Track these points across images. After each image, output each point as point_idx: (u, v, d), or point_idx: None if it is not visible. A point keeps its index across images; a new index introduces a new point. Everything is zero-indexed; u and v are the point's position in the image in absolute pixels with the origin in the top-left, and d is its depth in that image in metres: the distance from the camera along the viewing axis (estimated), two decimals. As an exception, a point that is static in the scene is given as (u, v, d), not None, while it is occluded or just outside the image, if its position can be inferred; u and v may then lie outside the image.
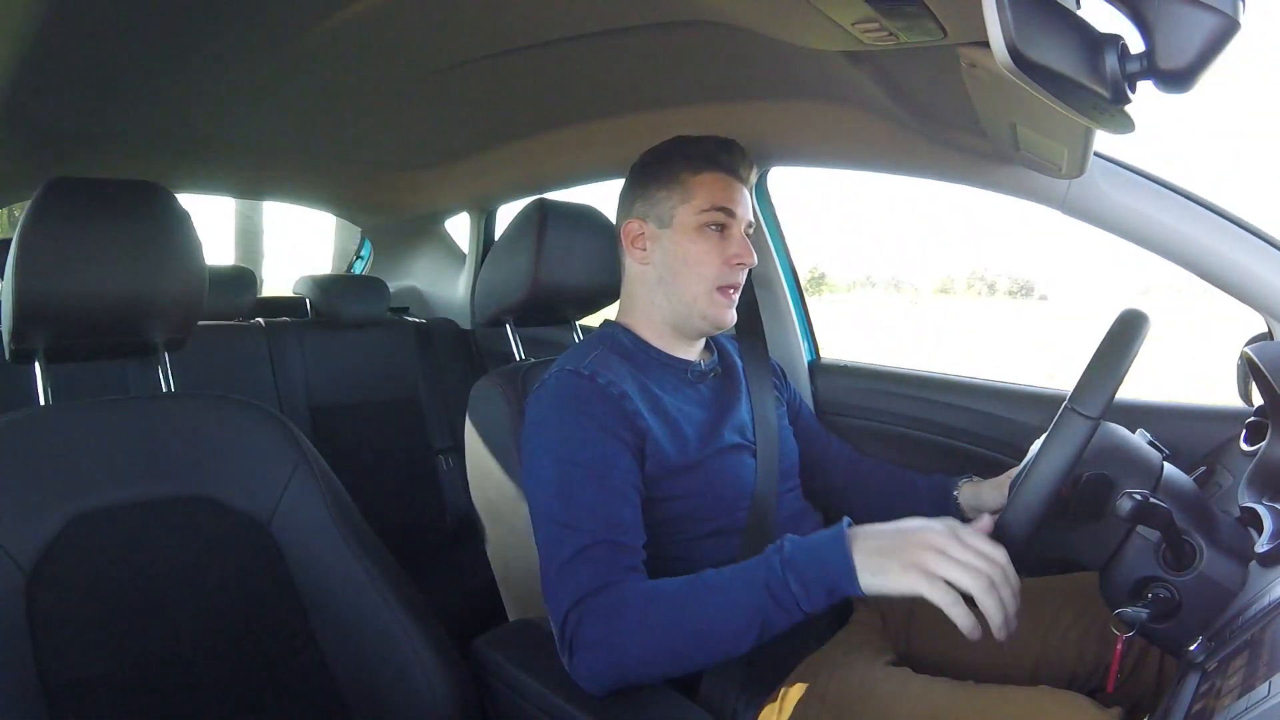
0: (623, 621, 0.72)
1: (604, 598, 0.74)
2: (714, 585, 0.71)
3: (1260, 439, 0.86)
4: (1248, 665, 0.50)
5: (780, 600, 0.67)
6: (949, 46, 0.70)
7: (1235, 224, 0.96)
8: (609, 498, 0.80)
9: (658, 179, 0.95)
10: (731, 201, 0.93)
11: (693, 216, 0.93)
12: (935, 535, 0.64)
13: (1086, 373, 0.69)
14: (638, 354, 0.95)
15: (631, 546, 0.79)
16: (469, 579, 1.52)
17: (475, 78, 1.25)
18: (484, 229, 2.09)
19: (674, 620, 0.71)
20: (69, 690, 0.76)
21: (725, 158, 0.95)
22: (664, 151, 0.97)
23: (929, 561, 0.62)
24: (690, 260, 0.93)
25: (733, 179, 0.95)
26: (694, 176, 0.93)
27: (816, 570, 0.66)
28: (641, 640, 0.72)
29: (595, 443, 0.82)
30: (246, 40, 1.09)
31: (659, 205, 0.95)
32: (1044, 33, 0.44)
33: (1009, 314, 7.44)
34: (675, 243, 0.93)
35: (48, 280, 0.83)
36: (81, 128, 1.41)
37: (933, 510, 1.04)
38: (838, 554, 0.66)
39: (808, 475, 1.10)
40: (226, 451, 0.92)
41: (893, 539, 0.66)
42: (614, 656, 0.73)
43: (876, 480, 1.12)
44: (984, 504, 0.97)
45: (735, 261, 0.93)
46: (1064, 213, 1.05)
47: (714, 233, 0.93)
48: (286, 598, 0.90)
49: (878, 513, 1.12)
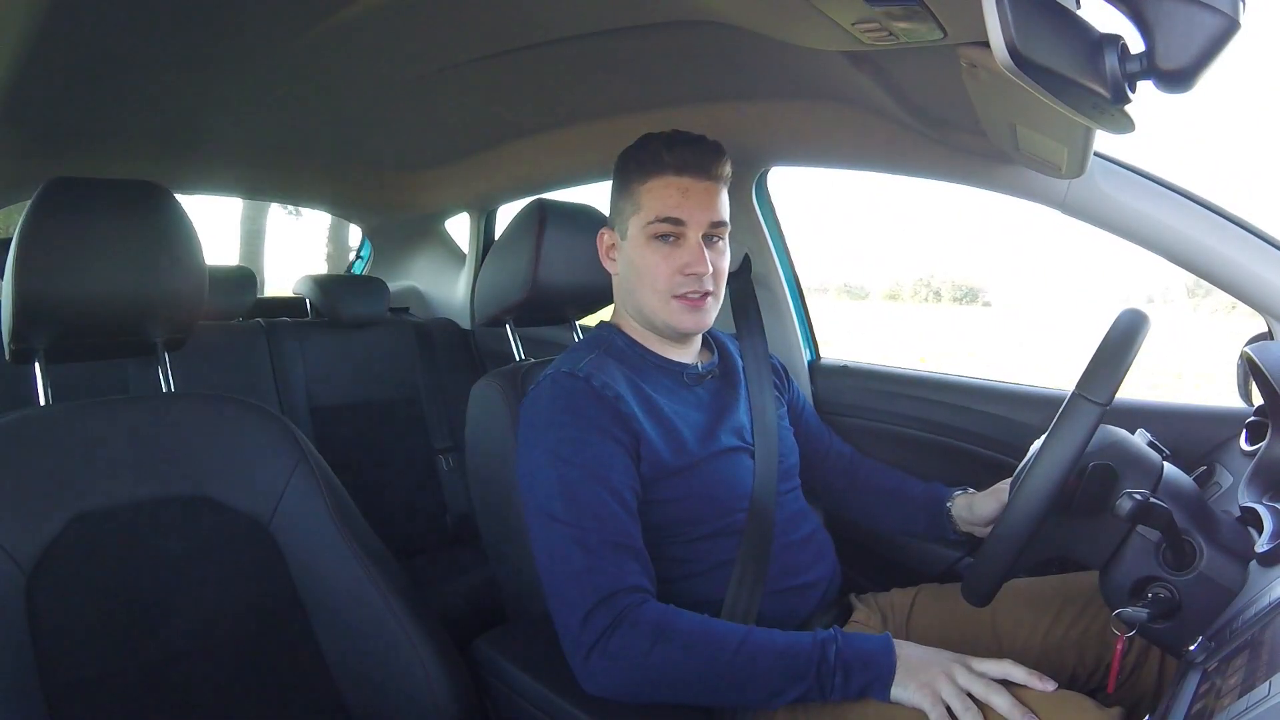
0: (668, 647, 0.74)
1: (646, 613, 0.75)
2: (766, 648, 0.75)
3: (1260, 439, 0.86)
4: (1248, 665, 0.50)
5: (823, 687, 0.73)
6: (949, 46, 0.70)
7: (1235, 224, 0.96)
8: (610, 499, 0.80)
9: (618, 187, 0.95)
10: (681, 209, 0.88)
11: (641, 228, 0.90)
12: (949, 665, 0.73)
13: (1093, 361, 0.69)
14: (633, 356, 0.94)
15: (637, 550, 0.80)
16: (469, 579, 1.52)
17: (475, 78, 1.25)
18: (484, 229, 2.09)
19: (718, 664, 0.74)
20: (69, 690, 0.76)
21: (671, 157, 0.89)
22: (625, 154, 0.94)
23: (940, 686, 0.71)
24: (642, 272, 0.91)
25: (688, 180, 0.89)
26: (642, 184, 0.90)
27: (863, 673, 0.73)
28: (680, 672, 0.74)
29: (593, 444, 0.82)
30: (247, 40, 1.09)
31: (619, 216, 0.94)
32: (1044, 33, 0.44)
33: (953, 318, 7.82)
34: (630, 254, 0.93)
35: (48, 280, 0.83)
36: (81, 128, 1.41)
37: (926, 520, 1.05)
38: (886, 667, 0.73)
39: (808, 473, 1.10)
40: (226, 451, 0.91)
41: (921, 661, 0.73)
42: (643, 675, 0.74)
43: (873, 485, 1.13)
44: (978, 515, 0.97)
45: (688, 271, 0.89)
46: (1064, 213, 1.05)
47: (665, 243, 0.90)
48: (286, 598, 0.90)
49: (874, 517, 1.12)
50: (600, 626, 0.74)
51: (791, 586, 0.92)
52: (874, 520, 1.13)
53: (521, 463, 0.86)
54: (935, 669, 0.72)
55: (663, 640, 0.73)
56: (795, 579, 0.93)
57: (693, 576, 0.89)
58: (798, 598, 0.93)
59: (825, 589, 0.96)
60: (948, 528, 1.02)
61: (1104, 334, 0.73)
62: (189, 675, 0.83)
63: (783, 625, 0.90)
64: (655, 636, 0.74)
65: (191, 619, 0.85)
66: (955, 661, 0.73)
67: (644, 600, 0.76)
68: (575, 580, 0.77)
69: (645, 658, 0.73)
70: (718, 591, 0.87)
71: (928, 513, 1.05)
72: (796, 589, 0.93)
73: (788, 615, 0.91)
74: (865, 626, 0.96)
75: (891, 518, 1.10)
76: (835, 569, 1.00)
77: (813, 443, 1.13)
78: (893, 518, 1.10)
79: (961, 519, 1.00)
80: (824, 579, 0.96)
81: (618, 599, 0.75)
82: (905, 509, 1.08)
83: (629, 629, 0.74)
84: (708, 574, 0.89)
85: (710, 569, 0.89)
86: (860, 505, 1.13)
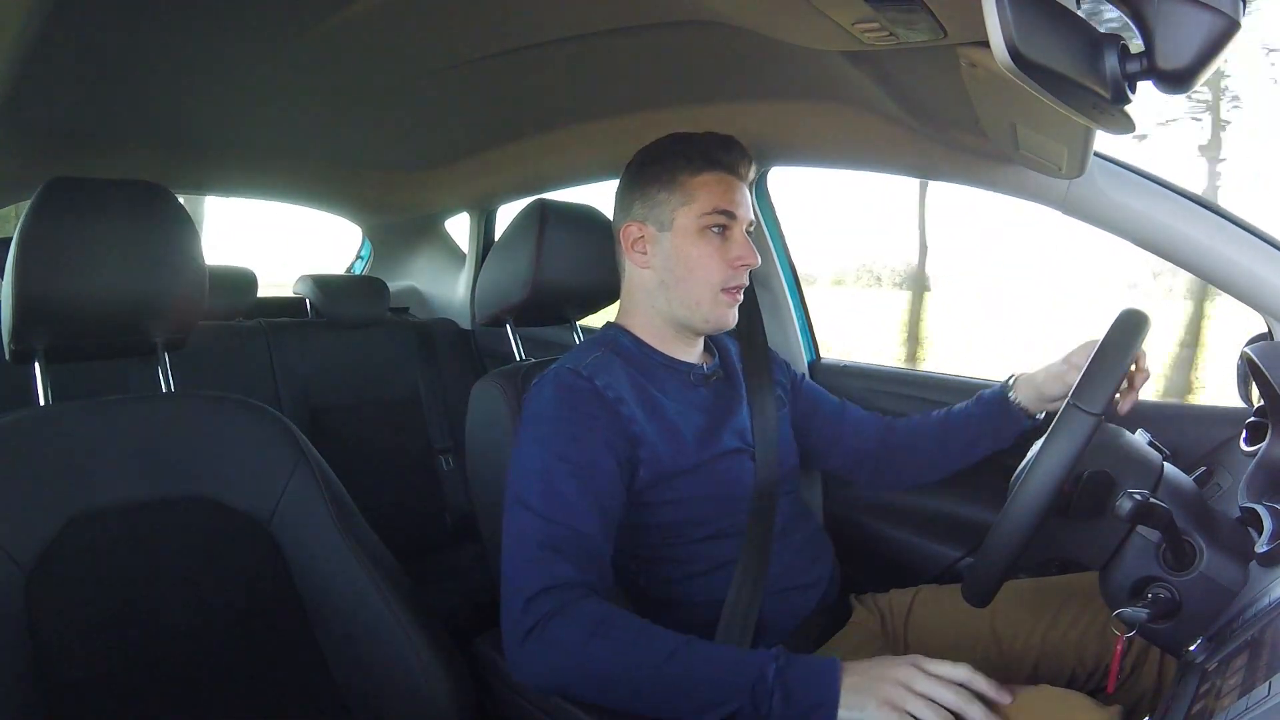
0: (604, 641, 0.71)
1: (589, 606, 0.74)
2: (705, 656, 0.71)
3: (1260, 439, 0.86)
4: (1248, 665, 0.50)
5: (758, 706, 0.68)
6: (949, 46, 0.70)
7: (1235, 224, 0.96)
8: (588, 501, 0.80)
9: (656, 180, 0.93)
10: (732, 203, 0.91)
11: (694, 219, 0.91)
12: (902, 670, 0.67)
13: (1088, 371, 0.70)
14: (639, 357, 0.94)
15: (598, 554, 0.79)
16: (469, 579, 1.52)
17: (475, 78, 1.25)
18: (484, 229, 2.09)
19: (655, 666, 0.70)
20: (69, 690, 0.76)
21: (725, 157, 0.93)
22: (661, 151, 0.95)
23: (899, 698, 0.65)
24: (693, 264, 0.91)
25: (733, 178, 0.93)
26: (694, 178, 0.92)
27: (803, 695, 0.67)
28: (612, 667, 0.71)
29: (586, 444, 0.82)
30: (247, 40, 1.09)
31: (659, 208, 0.93)
32: (1044, 33, 0.44)
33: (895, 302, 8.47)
34: (677, 246, 0.92)
35: (48, 280, 0.83)
36: (81, 128, 1.41)
37: (989, 429, 1.00)
38: (829, 690, 0.67)
39: (833, 451, 1.08)
40: (226, 451, 0.91)
41: (871, 676, 0.68)
42: (575, 667, 0.72)
43: (917, 431, 1.08)
44: (1046, 394, 0.95)
45: (739, 263, 0.92)
46: (1064, 212, 1.05)
47: (716, 235, 0.91)
48: (286, 598, 0.90)
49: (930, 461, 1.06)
50: (541, 612, 0.73)
51: (791, 587, 0.92)
52: (932, 466, 1.07)
53: (515, 451, 0.85)
54: (888, 682, 0.66)
55: (599, 635, 0.71)
56: (795, 579, 0.93)
57: (694, 577, 0.89)
58: (798, 598, 0.93)
59: (825, 589, 0.96)
60: (1020, 419, 0.99)
61: (1102, 337, 0.73)
62: (188, 675, 0.83)
63: (783, 625, 0.91)
64: (593, 630, 0.72)
65: (191, 619, 0.85)
66: (906, 664, 0.67)
67: (588, 594, 0.75)
68: (528, 566, 0.76)
69: (581, 649, 0.71)
70: (719, 592, 0.87)
71: (989, 421, 1.01)
72: (797, 589, 0.93)
73: (788, 615, 0.92)
74: (864, 627, 0.96)
75: (952, 449, 1.05)
76: (835, 569, 1.00)
77: (828, 418, 1.10)
78: (954, 448, 1.04)
79: (1030, 403, 0.97)
80: (824, 579, 0.97)
81: (563, 590, 0.74)
82: (962, 433, 1.03)
83: (567, 619, 0.73)
84: (709, 575, 0.89)
85: (711, 570, 0.89)
86: (909, 459, 1.08)
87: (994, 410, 1.01)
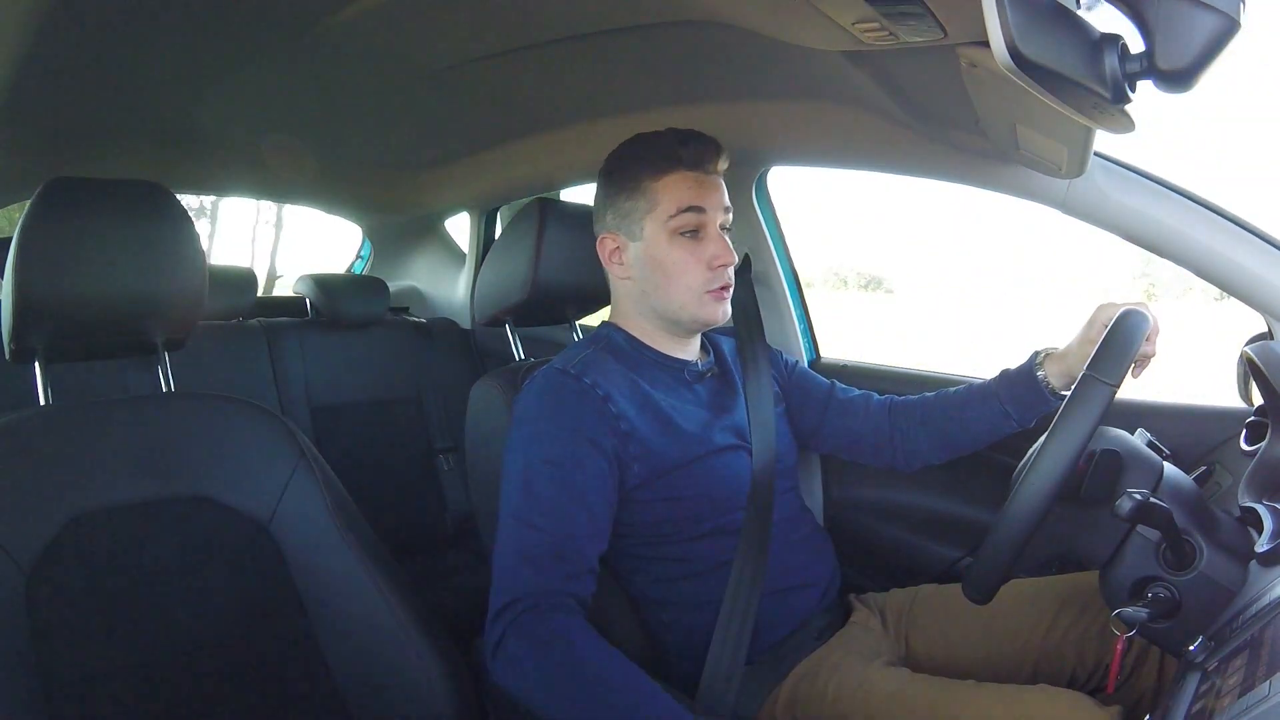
0: (549, 661, 0.73)
1: (543, 623, 0.75)
2: (644, 694, 0.72)
3: (1260, 439, 0.86)
4: (1248, 665, 0.51)
5: None
6: (949, 46, 0.70)
7: (1235, 224, 0.96)
8: (567, 499, 0.80)
9: (622, 188, 0.91)
10: (699, 199, 0.88)
11: (662, 225, 0.89)
12: None
13: (1103, 345, 0.71)
14: (632, 354, 0.94)
15: (576, 556, 0.79)
16: (469, 579, 1.52)
17: (476, 78, 1.25)
18: (484, 229, 2.09)
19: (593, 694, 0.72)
20: (69, 690, 0.76)
21: (685, 152, 0.89)
22: (623, 155, 0.93)
23: None
24: (669, 271, 0.90)
25: (697, 173, 0.89)
26: (656, 181, 0.89)
27: None
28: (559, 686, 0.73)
29: (565, 442, 0.82)
30: (247, 40, 1.09)
31: (627, 218, 0.91)
32: (1044, 33, 0.44)
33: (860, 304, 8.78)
34: (650, 255, 0.90)
35: (48, 280, 0.83)
36: (81, 128, 1.40)
37: (1015, 406, 0.95)
38: None
39: (821, 431, 1.06)
40: (226, 451, 0.91)
41: None
42: (526, 688, 0.74)
43: (938, 410, 1.02)
44: (1075, 373, 0.89)
45: (716, 263, 0.89)
46: (1064, 212, 1.05)
47: (688, 238, 0.89)
48: (286, 598, 0.90)
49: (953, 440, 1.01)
50: (504, 626, 0.75)
51: (791, 586, 0.92)
52: (945, 444, 1.02)
53: (504, 456, 0.86)
54: None
55: (548, 651, 0.73)
56: (794, 579, 0.93)
57: (692, 577, 0.89)
58: (797, 598, 0.93)
59: (825, 589, 0.96)
60: (1047, 397, 0.94)
61: (1112, 324, 0.75)
62: (189, 676, 0.83)
63: (783, 625, 0.91)
64: (545, 645, 0.74)
65: (191, 619, 0.85)
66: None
67: (549, 609, 0.76)
68: (502, 576, 0.78)
69: (539, 669, 0.73)
70: (717, 592, 0.87)
71: (1014, 399, 0.96)
72: (796, 589, 0.93)
73: (788, 615, 0.92)
74: (865, 626, 0.96)
75: (975, 428, 0.99)
76: (835, 569, 1.00)
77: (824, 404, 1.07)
78: (977, 428, 0.99)
79: (1063, 382, 0.93)
80: (823, 579, 0.96)
81: (526, 602, 0.76)
82: (985, 410, 0.98)
83: (523, 632, 0.74)
84: (707, 574, 0.89)
85: (709, 569, 0.89)
86: (919, 434, 1.03)
87: (1020, 388, 0.95)
